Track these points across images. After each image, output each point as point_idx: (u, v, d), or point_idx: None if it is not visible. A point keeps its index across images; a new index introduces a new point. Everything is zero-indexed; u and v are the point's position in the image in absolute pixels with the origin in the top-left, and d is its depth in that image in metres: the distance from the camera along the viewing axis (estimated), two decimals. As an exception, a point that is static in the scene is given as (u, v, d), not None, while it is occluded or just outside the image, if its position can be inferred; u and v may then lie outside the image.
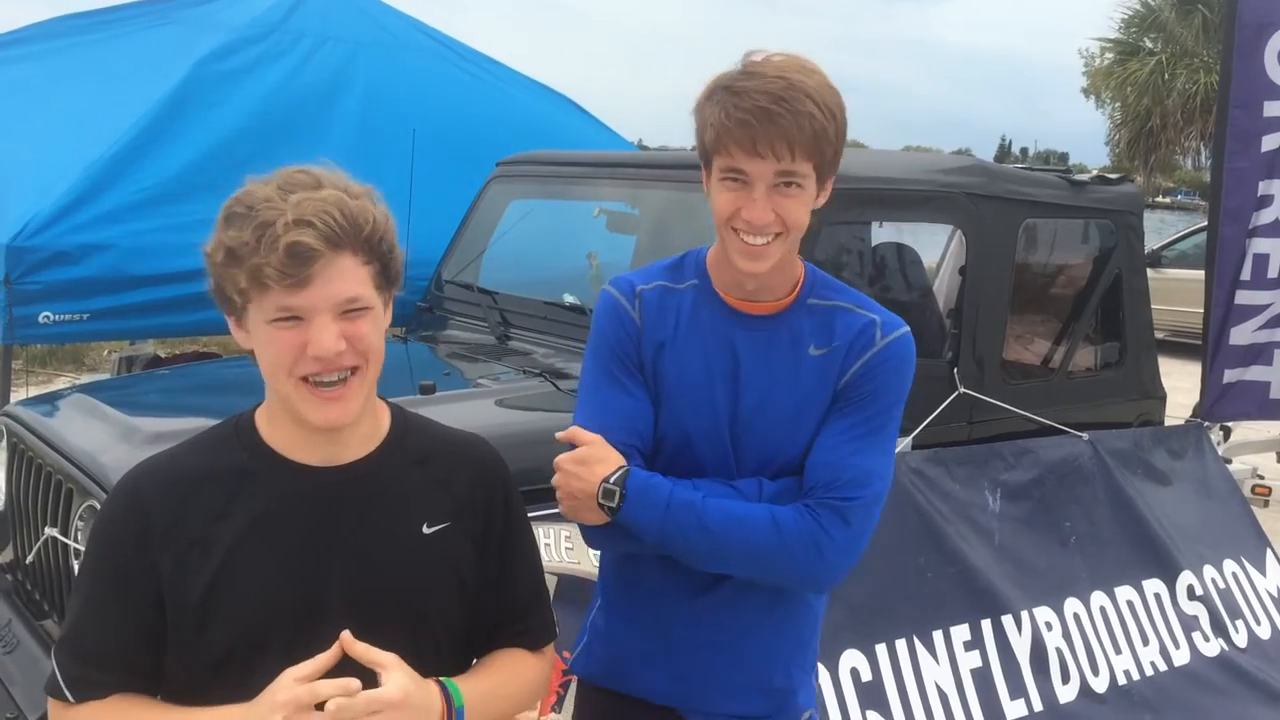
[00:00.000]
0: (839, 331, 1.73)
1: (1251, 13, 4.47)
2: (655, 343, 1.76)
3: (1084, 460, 3.80)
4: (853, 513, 1.66)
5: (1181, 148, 26.06)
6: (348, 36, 5.39)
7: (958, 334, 3.81)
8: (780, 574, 1.70)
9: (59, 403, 3.28)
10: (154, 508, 1.39)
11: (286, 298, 1.32)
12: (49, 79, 5.24)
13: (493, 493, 1.56)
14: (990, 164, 4.20)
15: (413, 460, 1.50)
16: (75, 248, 4.19)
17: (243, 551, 1.39)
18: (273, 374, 1.37)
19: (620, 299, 1.80)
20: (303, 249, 1.29)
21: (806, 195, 1.64)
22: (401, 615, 1.45)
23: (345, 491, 1.44)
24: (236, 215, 1.33)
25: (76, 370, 8.19)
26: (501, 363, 3.63)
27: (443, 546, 1.49)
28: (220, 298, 1.39)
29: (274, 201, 1.32)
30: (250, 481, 1.42)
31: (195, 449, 1.47)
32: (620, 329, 1.78)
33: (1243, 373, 4.65)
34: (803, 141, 1.57)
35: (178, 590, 1.37)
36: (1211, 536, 4.07)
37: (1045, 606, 3.48)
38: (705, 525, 1.64)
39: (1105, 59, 27.69)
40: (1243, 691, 3.66)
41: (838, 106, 1.61)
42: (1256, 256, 4.57)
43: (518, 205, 4.36)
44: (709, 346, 1.74)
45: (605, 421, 1.73)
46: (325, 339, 1.33)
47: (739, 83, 1.59)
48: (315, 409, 1.37)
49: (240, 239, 1.31)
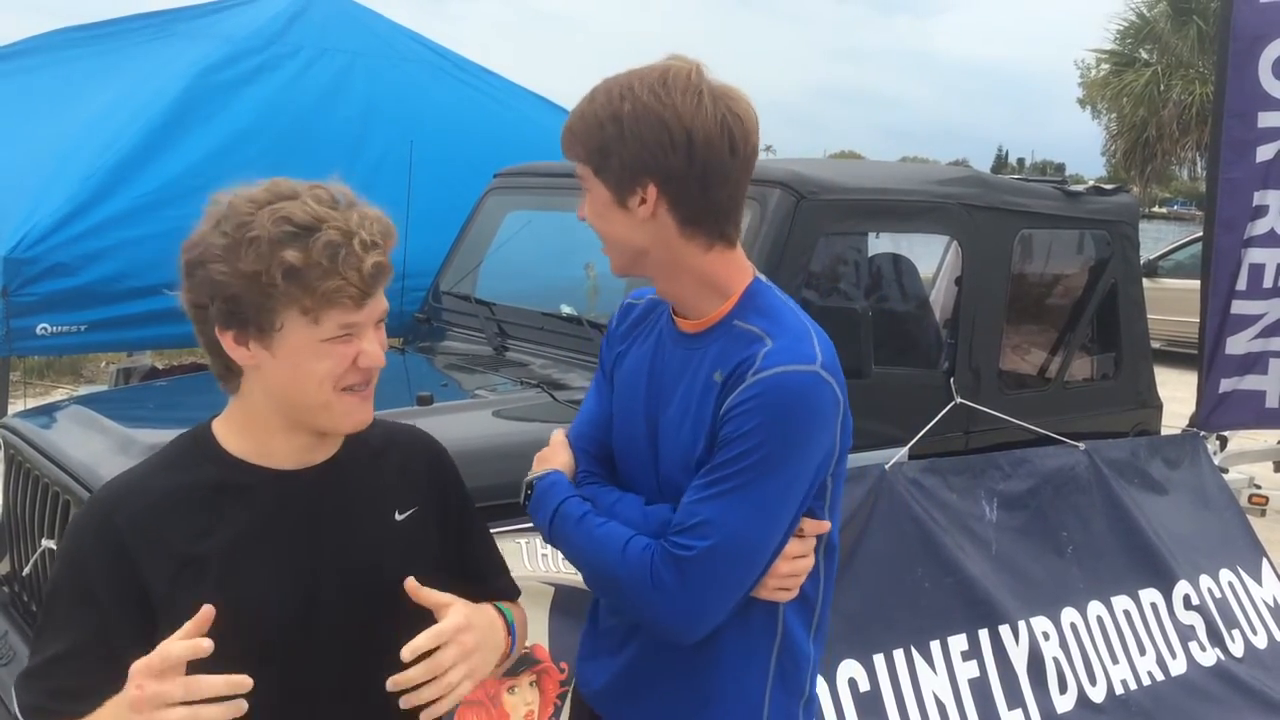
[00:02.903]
0: (733, 359, 1.57)
1: (1246, 25, 4.50)
2: (614, 354, 1.82)
3: (1080, 470, 3.81)
4: (689, 565, 1.52)
5: (1177, 158, 26.12)
6: (346, 48, 5.41)
7: (954, 344, 3.82)
8: (621, 602, 1.65)
9: (56, 414, 3.28)
10: (130, 535, 1.37)
11: (351, 315, 1.36)
12: (49, 91, 5.25)
13: (446, 476, 1.64)
14: (986, 175, 4.22)
15: (372, 453, 1.54)
16: (73, 259, 4.20)
17: (238, 563, 1.39)
18: (314, 388, 1.38)
19: (619, 308, 1.87)
20: (382, 269, 1.37)
21: (595, 198, 1.66)
22: (392, 604, 1.47)
23: (324, 491, 1.47)
24: (289, 234, 1.31)
25: (74, 382, 8.19)
26: (499, 374, 3.64)
27: (414, 531, 1.55)
28: (238, 317, 1.34)
29: (335, 220, 1.34)
30: (229, 494, 1.42)
31: (159, 469, 1.45)
32: (606, 337, 1.86)
33: (1239, 382, 4.67)
34: (586, 145, 1.64)
35: (175, 611, 1.32)
36: (1208, 546, 4.08)
37: (1042, 616, 3.48)
38: (572, 538, 1.66)
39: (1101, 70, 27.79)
40: (1239, 701, 3.66)
41: (621, 112, 1.58)
42: (1252, 266, 4.58)
43: (515, 216, 4.37)
44: (648, 361, 1.74)
45: (575, 423, 1.82)
46: (377, 350, 1.41)
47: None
48: (353, 414, 1.43)
49: (308, 259, 1.31)
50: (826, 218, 3.36)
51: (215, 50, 5.04)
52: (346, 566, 1.47)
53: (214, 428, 1.48)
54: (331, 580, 1.45)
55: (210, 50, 5.04)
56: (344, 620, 1.45)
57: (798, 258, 3.29)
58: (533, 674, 2.53)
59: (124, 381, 4.90)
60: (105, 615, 1.36)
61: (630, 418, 1.74)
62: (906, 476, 3.38)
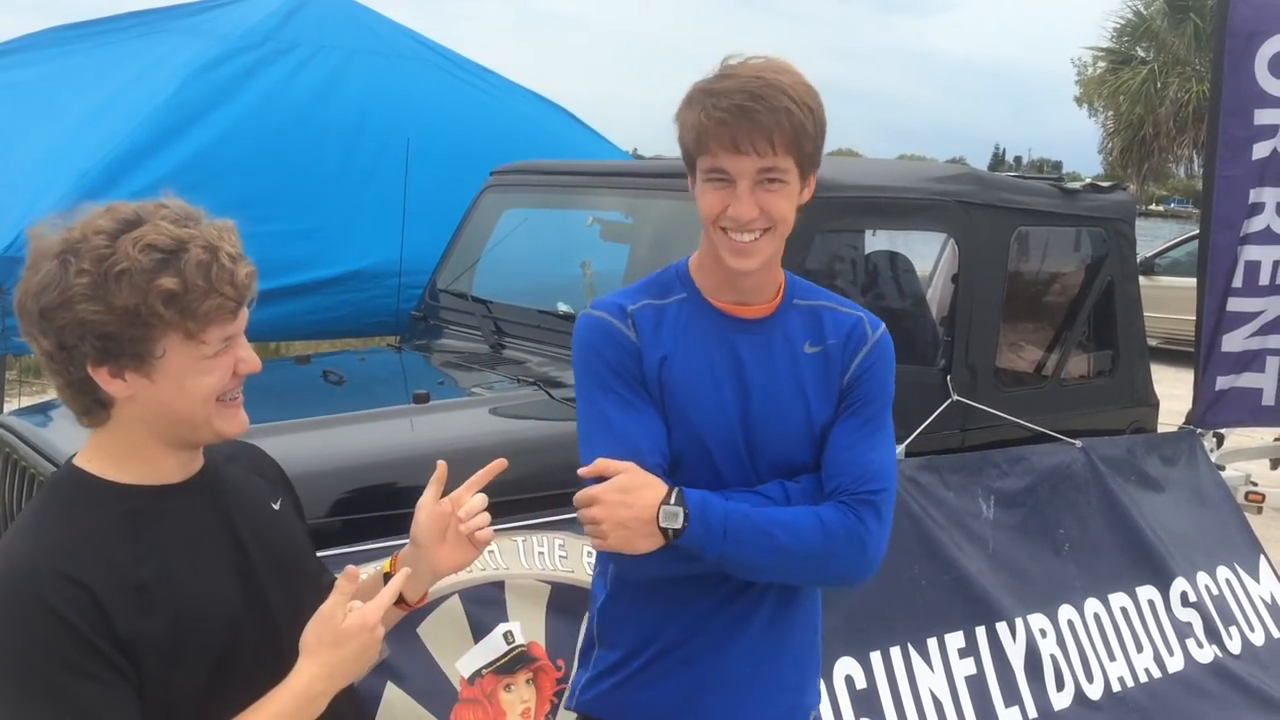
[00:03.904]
0: (829, 329, 1.79)
1: (1242, 22, 4.50)
2: (657, 359, 1.73)
3: (1077, 467, 3.81)
4: (884, 505, 1.74)
5: (1174, 156, 26.16)
6: (342, 45, 5.39)
7: (951, 341, 3.82)
8: (825, 574, 1.77)
9: (52, 413, 3.27)
10: (83, 575, 1.29)
11: (229, 327, 1.37)
12: (43, 89, 5.24)
13: (281, 471, 1.69)
14: (983, 172, 4.22)
15: (226, 459, 1.56)
16: (69, 257, 4.19)
17: (181, 580, 1.38)
18: (200, 404, 1.38)
19: (611, 319, 1.75)
20: (253, 277, 1.38)
21: (790, 190, 1.66)
22: (310, 582, 1.58)
23: (219, 494, 1.49)
24: (160, 261, 1.29)
25: (70, 380, 8.15)
26: (495, 371, 3.63)
27: (289, 517, 1.62)
28: (113, 352, 1.30)
29: (197, 238, 1.33)
30: (144, 520, 1.38)
31: (55, 521, 1.35)
32: (619, 349, 1.74)
33: (1235, 380, 4.67)
34: (782, 136, 1.59)
35: (144, 639, 1.32)
36: (1205, 543, 4.08)
37: (1039, 613, 3.48)
38: (766, 534, 1.66)
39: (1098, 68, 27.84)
40: (1237, 698, 3.66)
41: (815, 103, 1.65)
42: (1248, 264, 4.58)
43: (512, 214, 4.37)
44: (712, 354, 1.74)
45: (633, 444, 1.69)
46: (254, 356, 1.43)
47: (716, 84, 1.62)
48: (236, 418, 1.44)
49: (184, 283, 1.30)
50: (823, 215, 3.35)
51: (210, 47, 5.02)
52: (271, 557, 1.50)
53: (85, 467, 1.41)
54: (268, 572, 1.48)
55: (205, 47, 5.03)
56: (289, 607, 1.48)
57: (795, 255, 3.29)
58: (529, 672, 2.53)
59: (120, 380, 4.89)
60: (117, 667, 1.29)
61: (716, 412, 1.73)
62: (904, 474, 3.38)
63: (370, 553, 2.32)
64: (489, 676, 2.47)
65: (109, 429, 1.40)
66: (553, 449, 3.14)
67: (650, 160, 5.19)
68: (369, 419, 3.06)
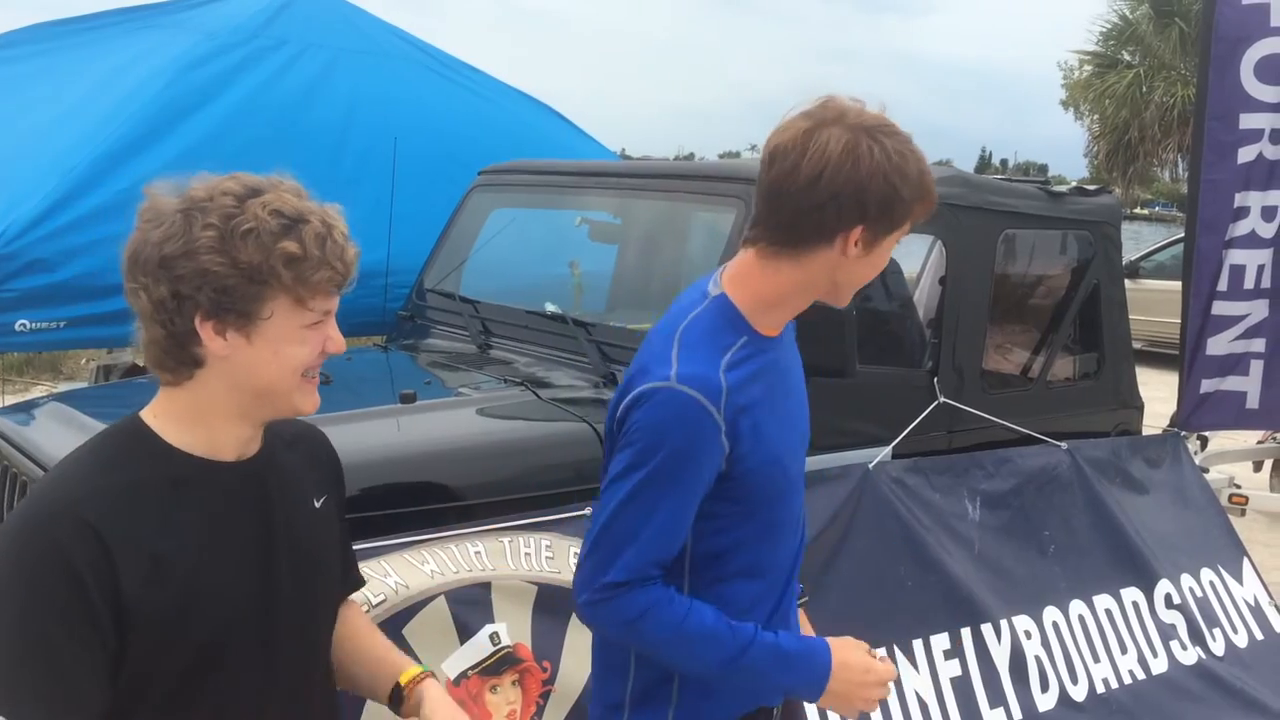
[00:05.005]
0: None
1: (1228, 26, 4.52)
2: (739, 407, 1.60)
3: (1063, 469, 3.82)
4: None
5: (1159, 160, 26.29)
6: (330, 44, 5.37)
7: (938, 343, 3.83)
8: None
9: (35, 412, 3.26)
10: (106, 531, 1.30)
11: (330, 302, 1.41)
12: (29, 85, 5.20)
13: (339, 470, 1.68)
14: (970, 175, 4.23)
15: (286, 445, 1.56)
16: (53, 255, 4.16)
17: (200, 559, 1.38)
18: (289, 373, 1.41)
19: (704, 404, 1.56)
20: (357, 259, 1.42)
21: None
22: (328, 588, 1.58)
23: (267, 481, 1.49)
24: (284, 226, 1.34)
25: (54, 379, 8.13)
26: (483, 371, 3.62)
27: (329, 518, 1.61)
28: (224, 306, 1.34)
29: (315, 212, 1.38)
30: (184, 488, 1.39)
31: (100, 466, 1.38)
32: (709, 445, 1.58)
33: (1219, 383, 4.69)
34: None
35: (146, 607, 1.32)
36: (1189, 545, 4.10)
37: (1024, 615, 3.49)
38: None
39: (1084, 71, 27.94)
40: (1220, 699, 3.68)
41: None
42: (1233, 267, 4.60)
43: (500, 214, 4.36)
44: (780, 383, 1.72)
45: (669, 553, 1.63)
46: (341, 337, 1.46)
47: (908, 147, 1.61)
48: (311, 397, 1.47)
49: (301, 250, 1.34)
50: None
51: (197, 44, 5.00)
52: (296, 556, 1.49)
53: (149, 421, 1.43)
54: (285, 569, 1.47)
55: (192, 44, 5.00)
56: (298, 609, 1.49)
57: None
58: (515, 673, 2.53)
59: (104, 378, 4.87)
60: (92, 617, 1.29)
61: (792, 432, 1.73)
62: (890, 475, 3.38)
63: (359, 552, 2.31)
64: (474, 678, 2.47)
65: (184, 390, 1.41)
66: (539, 450, 3.14)
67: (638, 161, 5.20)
68: (355, 419, 3.05)
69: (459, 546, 2.58)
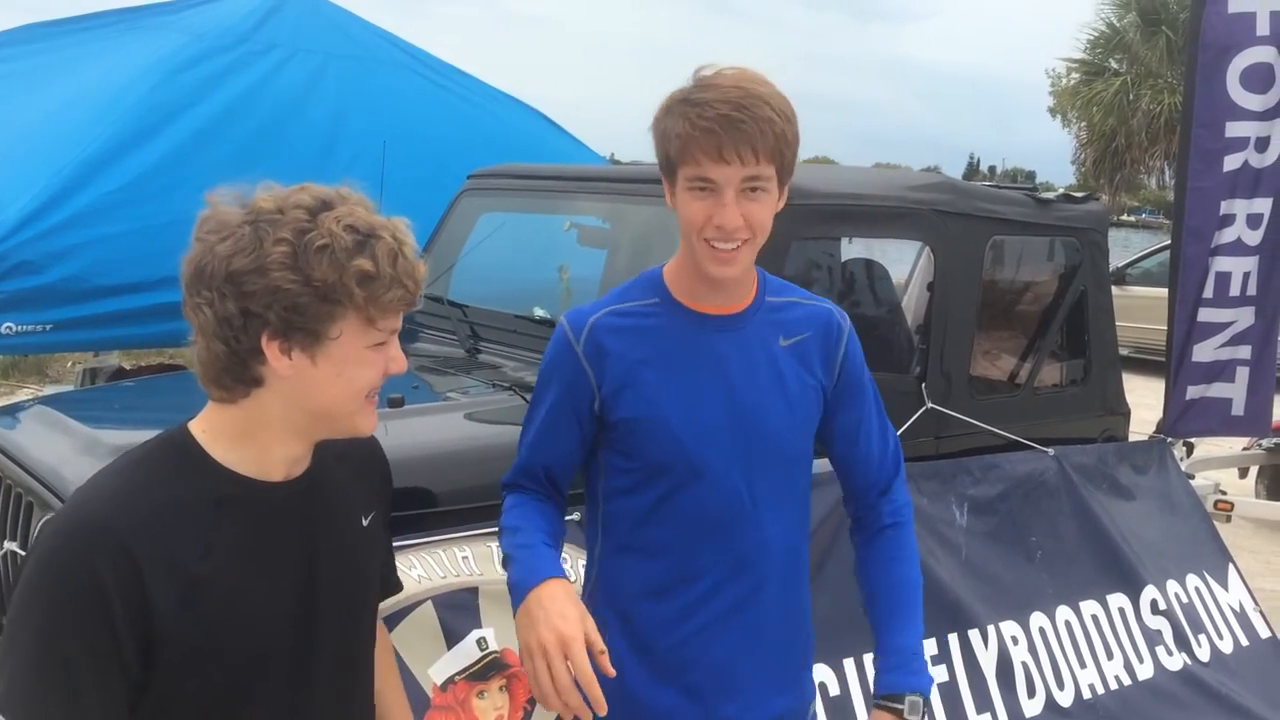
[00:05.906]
0: (802, 322, 1.85)
1: (1215, 34, 4.54)
2: (634, 361, 1.77)
3: (1049, 475, 3.83)
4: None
5: (1146, 167, 26.45)
6: (319, 48, 5.37)
7: (925, 349, 3.84)
8: None
9: (20, 415, 3.23)
10: (141, 552, 1.26)
11: (396, 321, 1.37)
12: (16, 86, 5.18)
13: (388, 476, 1.65)
14: (958, 181, 4.24)
15: (335, 458, 1.52)
16: (39, 257, 4.15)
17: (241, 581, 1.34)
18: (353, 395, 1.37)
19: (595, 331, 1.80)
20: (426, 274, 1.39)
21: (771, 199, 1.69)
22: (369, 608, 1.54)
23: (312, 502, 1.45)
24: (358, 242, 1.30)
25: (39, 382, 8.08)
26: (471, 376, 3.62)
27: (375, 536, 1.58)
28: (293, 325, 1.29)
29: (386, 227, 1.34)
30: (227, 508, 1.35)
31: (149, 479, 1.34)
32: (591, 359, 1.80)
33: (1205, 389, 4.71)
34: (765, 146, 1.62)
35: (178, 631, 1.28)
36: (1175, 551, 4.11)
37: (1011, 621, 3.50)
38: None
39: (1072, 79, 28.09)
40: (1205, 705, 3.69)
41: (792, 113, 1.68)
42: (1219, 275, 4.62)
43: (489, 218, 4.36)
44: (685, 358, 1.77)
45: (533, 448, 1.91)
46: (403, 357, 1.43)
47: (697, 94, 1.64)
48: (371, 418, 1.44)
49: (375, 268, 1.30)
50: (799, 223, 3.36)
51: (186, 46, 4.99)
52: (337, 576, 1.45)
53: (197, 436, 1.38)
54: (326, 591, 1.43)
55: (180, 46, 4.99)
56: (338, 629, 1.45)
57: (771, 262, 3.29)
58: (503, 678, 2.52)
59: (90, 382, 4.84)
60: (117, 637, 1.25)
61: (703, 409, 1.76)
62: (878, 481, 3.38)
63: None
64: (462, 683, 2.46)
65: (238, 407, 1.36)
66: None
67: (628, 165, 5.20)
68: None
69: (446, 551, 2.57)
